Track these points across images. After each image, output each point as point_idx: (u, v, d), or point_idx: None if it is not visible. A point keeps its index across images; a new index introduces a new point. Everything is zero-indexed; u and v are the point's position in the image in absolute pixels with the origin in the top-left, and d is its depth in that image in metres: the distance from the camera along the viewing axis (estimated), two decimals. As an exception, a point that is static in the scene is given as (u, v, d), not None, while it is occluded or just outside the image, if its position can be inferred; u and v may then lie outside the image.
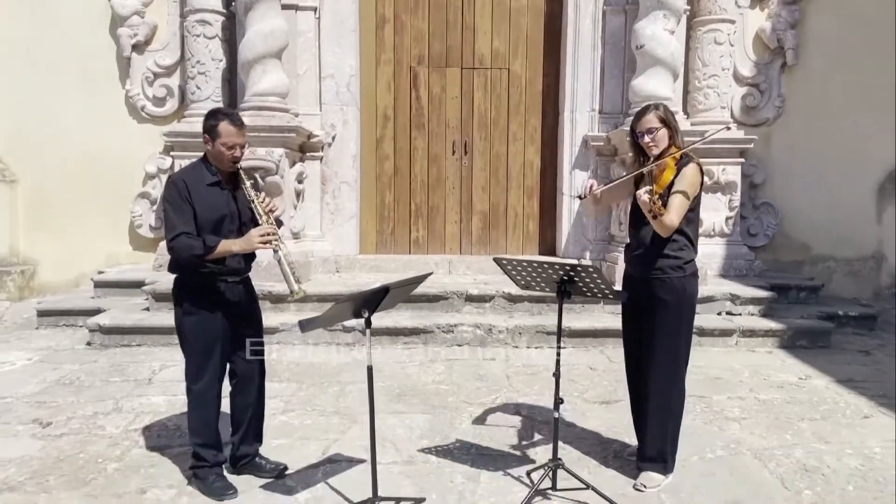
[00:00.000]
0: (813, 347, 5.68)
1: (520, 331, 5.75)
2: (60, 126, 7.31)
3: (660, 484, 3.25)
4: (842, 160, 7.51)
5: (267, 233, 3.12)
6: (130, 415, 4.21)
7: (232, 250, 3.13)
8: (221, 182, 3.20)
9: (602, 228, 7.11)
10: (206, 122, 3.17)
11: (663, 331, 3.22)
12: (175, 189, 3.09)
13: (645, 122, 3.22)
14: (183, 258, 3.07)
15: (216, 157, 3.15)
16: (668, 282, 3.19)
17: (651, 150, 3.23)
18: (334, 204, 7.19)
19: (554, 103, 7.43)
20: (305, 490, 3.23)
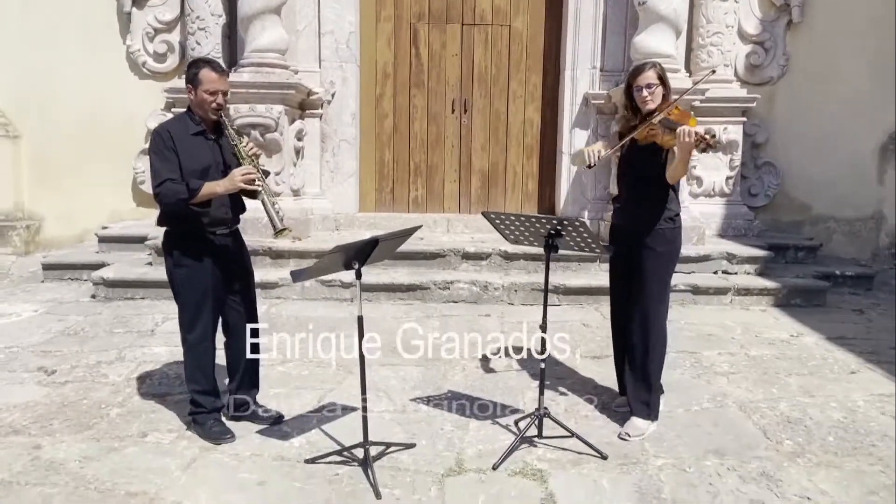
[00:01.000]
0: (807, 306, 5.74)
1: (515, 288, 5.82)
2: (62, 82, 7.32)
3: (644, 432, 3.34)
4: (845, 120, 7.47)
5: (248, 172, 3.16)
6: (133, 364, 4.32)
7: (216, 191, 3.17)
8: (206, 131, 3.24)
9: (601, 188, 7.11)
10: (188, 72, 3.21)
11: (652, 281, 3.30)
12: (160, 139, 3.14)
13: (645, 77, 3.26)
14: (169, 204, 3.12)
15: (199, 105, 3.19)
16: (661, 233, 3.27)
17: (647, 105, 3.26)
18: (334, 162, 7.21)
19: (555, 61, 7.38)
20: (300, 435, 3.34)
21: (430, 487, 2.87)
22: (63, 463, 3.05)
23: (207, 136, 3.25)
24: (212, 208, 3.23)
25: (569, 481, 2.93)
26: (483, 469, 3.01)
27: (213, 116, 3.21)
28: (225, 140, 3.30)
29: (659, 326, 3.36)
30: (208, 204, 3.20)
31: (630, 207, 3.36)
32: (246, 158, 3.22)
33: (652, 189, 3.24)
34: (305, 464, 3.05)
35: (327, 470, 3.00)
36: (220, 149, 3.28)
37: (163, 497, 2.78)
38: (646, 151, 3.24)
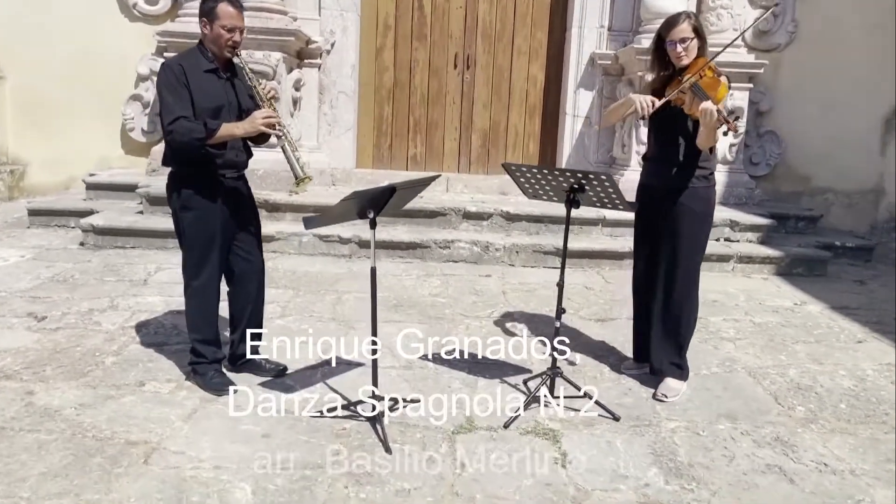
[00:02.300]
0: (809, 276, 5.70)
1: (517, 249, 5.73)
2: (49, 23, 7.02)
3: (679, 392, 3.29)
4: (850, 91, 7.37)
5: (270, 115, 3.02)
6: (127, 312, 4.19)
7: (235, 133, 3.02)
8: (219, 69, 3.07)
9: (604, 150, 7.01)
10: (205, 5, 3.02)
11: (686, 241, 3.21)
12: (171, 72, 2.96)
13: (679, 31, 3.08)
14: (182, 143, 2.95)
15: (214, 41, 3.01)
16: (694, 190, 3.16)
17: (681, 61, 3.10)
18: (332, 115, 7.02)
19: (562, 17, 7.20)
20: (304, 389, 3.24)
21: (441, 444, 2.79)
22: (59, 410, 2.93)
23: (220, 74, 3.08)
24: (226, 150, 3.07)
25: (581, 441, 2.86)
26: (494, 427, 2.94)
27: (227, 54, 3.04)
28: (238, 80, 3.13)
29: (693, 287, 3.28)
30: (223, 146, 3.04)
31: (662, 165, 3.22)
32: (265, 101, 3.06)
33: (686, 147, 3.12)
34: (311, 418, 2.96)
35: (334, 423, 2.91)
36: (233, 89, 3.12)
37: (165, 446, 2.68)
38: (678, 111, 3.10)
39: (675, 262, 3.23)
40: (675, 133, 3.16)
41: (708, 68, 3.04)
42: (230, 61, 3.10)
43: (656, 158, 3.29)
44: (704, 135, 3.03)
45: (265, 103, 3.09)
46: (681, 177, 3.16)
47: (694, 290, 3.30)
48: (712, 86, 3.02)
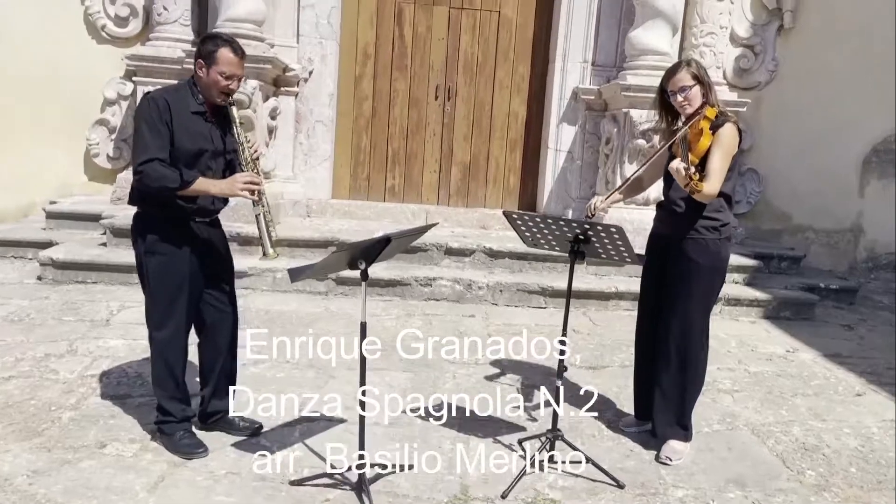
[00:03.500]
0: (796, 319, 5.60)
1: (500, 288, 5.53)
2: (13, 41, 6.67)
3: (683, 455, 3.10)
4: (829, 130, 7.37)
5: (253, 181, 2.81)
6: (87, 358, 3.88)
7: (210, 191, 2.81)
8: (207, 113, 2.85)
9: (587, 186, 6.89)
10: (204, 47, 2.80)
11: (694, 295, 3.03)
12: (155, 106, 2.72)
13: (677, 80, 2.96)
14: (151, 188, 2.71)
15: (208, 86, 2.79)
16: (703, 243, 2.99)
17: (684, 110, 2.98)
18: (308, 144, 6.79)
19: (544, 51, 7.10)
20: (282, 451, 2.98)
21: (435, 518, 2.55)
22: (9, 478, 2.63)
23: (207, 117, 2.85)
24: (197, 204, 2.84)
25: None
26: (491, 498, 2.71)
27: (219, 101, 2.81)
28: (225, 127, 2.90)
29: (700, 347, 3.10)
30: (194, 199, 2.81)
31: (671, 215, 3.07)
32: (250, 163, 2.85)
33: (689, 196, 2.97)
34: (290, 486, 2.70)
35: (317, 494, 2.65)
36: (220, 134, 2.89)
37: (127, 524, 2.40)
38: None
39: (681, 318, 3.05)
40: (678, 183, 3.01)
41: (704, 118, 2.92)
42: (220, 107, 2.87)
43: (665, 206, 3.13)
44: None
45: (249, 165, 2.87)
46: (687, 226, 3.00)
47: (701, 350, 3.12)
48: (695, 139, 2.90)
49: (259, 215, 2.87)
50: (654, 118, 6.11)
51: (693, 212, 2.99)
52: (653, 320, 3.20)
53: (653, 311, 3.20)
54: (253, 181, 2.81)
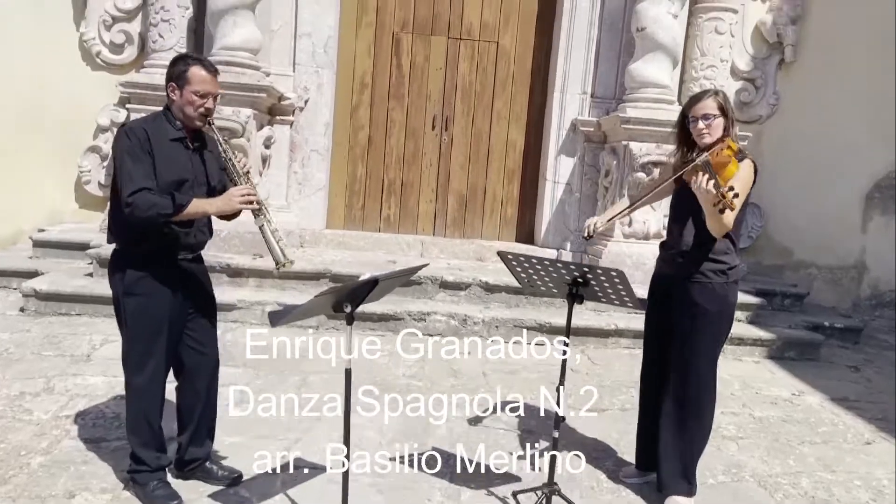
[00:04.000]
0: (801, 360, 5.44)
1: (496, 324, 5.38)
2: (7, 66, 6.58)
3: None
4: (832, 165, 7.29)
5: (249, 192, 2.68)
6: (63, 397, 3.72)
7: (207, 211, 2.68)
8: (187, 139, 2.72)
9: (585, 218, 6.72)
10: (174, 68, 2.68)
11: (700, 341, 2.88)
12: (135, 138, 2.59)
13: (703, 106, 2.83)
14: (143, 219, 2.56)
15: (183, 108, 2.67)
16: (710, 287, 2.85)
17: (703, 139, 2.83)
18: (302, 173, 6.68)
19: (543, 82, 7.02)
20: (263, 502, 2.81)
21: (422, 582, 2.38)
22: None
23: (187, 143, 2.73)
24: (192, 229, 2.71)
25: (584, 577, 2.48)
26: (483, 558, 2.54)
27: (198, 123, 2.69)
28: (207, 152, 2.78)
29: (707, 396, 2.94)
30: (190, 224, 2.68)
31: (677, 255, 2.93)
32: (242, 176, 2.72)
33: (703, 236, 2.83)
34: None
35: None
36: (201, 161, 2.76)
37: (90, 588, 2.23)
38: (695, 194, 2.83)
39: (687, 365, 2.90)
40: (688, 215, 2.88)
41: (727, 147, 2.78)
42: (200, 131, 2.75)
43: (670, 245, 3.00)
44: (708, 217, 2.72)
45: (242, 178, 2.74)
46: (693, 268, 2.86)
47: (708, 399, 2.96)
48: (721, 164, 2.74)
49: (262, 226, 2.74)
50: (653, 151, 6.16)
51: (699, 253, 2.85)
52: (657, 366, 3.05)
53: (657, 356, 3.05)
54: (249, 192, 2.68)
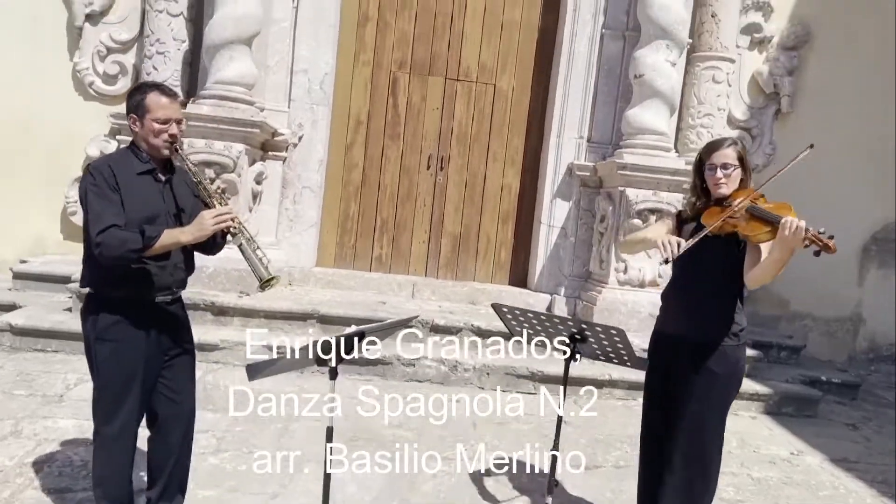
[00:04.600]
0: (799, 416, 5.30)
1: (488, 371, 5.24)
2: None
3: None
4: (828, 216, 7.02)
5: (222, 213, 2.53)
6: (31, 442, 3.54)
7: (180, 240, 2.53)
8: (155, 170, 2.60)
9: (580, 263, 6.66)
10: (131, 100, 2.58)
11: (709, 406, 2.73)
12: (100, 175, 2.48)
13: (723, 155, 2.71)
14: (114, 258, 2.43)
15: (147, 137, 2.56)
16: (722, 350, 2.70)
17: (720, 189, 2.71)
18: (294, 210, 6.57)
19: (539, 125, 6.98)
20: (233, 566, 2.64)
21: None
22: None
23: (157, 176, 2.61)
24: (167, 265, 2.57)
25: None
26: None
27: (165, 152, 2.58)
28: (178, 181, 2.67)
29: (713, 458, 2.79)
30: (165, 257, 2.54)
31: (687, 312, 2.76)
32: (215, 196, 2.59)
33: (720, 291, 2.69)
34: None
35: None
36: (172, 192, 2.64)
37: None
38: (718, 242, 2.65)
39: (694, 430, 2.74)
40: (708, 271, 2.71)
41: (760, 196, 2.67)
42: (170, 161, 2.64)
43: (678, 299, 2.81)
44: (773, 260, 2.50)
45: (214, 199, 2.61)
46: (705, 329, 2.71)
47: (715, 462, 2.81)
48: (779, 207, 2.57)
49: (241, 244, 2.59)
50: (650, 198, 6.08)
51: (713, 314, 2.70)
52: (658, 431, 2.89)
53: (659, 422, 2.89)
54: (222, 213, 2.53)
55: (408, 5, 6.79)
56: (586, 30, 6.62)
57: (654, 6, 6.04)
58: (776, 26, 7.22)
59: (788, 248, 2.46)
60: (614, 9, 6.60)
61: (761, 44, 7.28)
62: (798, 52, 7.24)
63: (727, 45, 6.77)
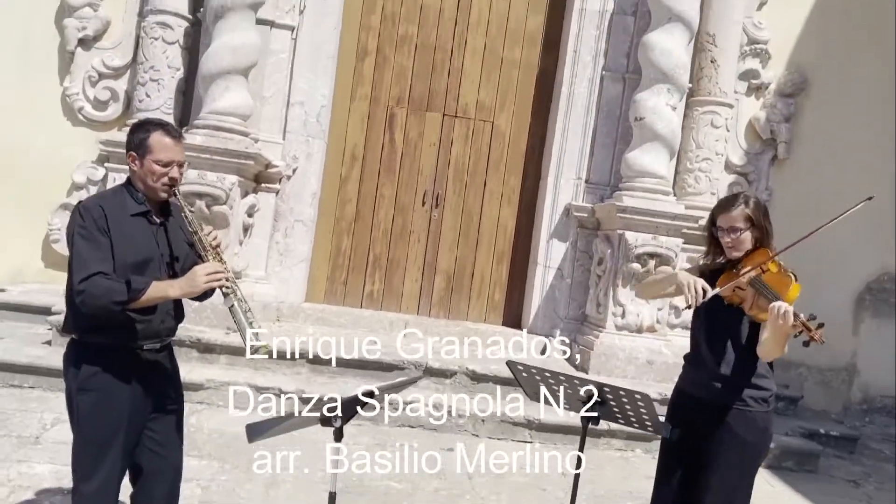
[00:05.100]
0: (800, 471, 5.18)
1: (483, 418, 5.08)
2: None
3: None
4: (823, 264, 7.16)
5: (216, 271, 2.38)
6: (4, 489, 3.34)
7: (168, 294, 2.38)
8: (150, 212, 2.46)
9: (576, 306, 6.55)
10: (133, 136, 2.44)
11: (736, 473, 2.57)
12: (90, 216, 2.33)
13: (729, 219, 2.61)
14: (97, 307, 2.29)
15: (145, 178, 2.42)
16: (750, 416, 2.57)
17: (730, 252, 2.63)
18: (284, 244, 6.41)
19: (537, 165, 6.92)
20: None
21: None
22: None
23: (151, 218, 2.46)
24: (156, 315, 2.41)
25: None
26: None
27: (162, 195, 2.44)
28: (174, 225, 2.52)
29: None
30: (152, 310, 2.38)
31: (708, 374, 2.64)
32: (210, 251, 2.43)
33: (746, 360, 2.58)
34: None
35: None
36: (166, 236, 2.49)
37: None
38: (731, 309, 2.59)
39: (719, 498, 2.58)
40: (726, 335, 2.61)
41: (772, 262, 2.58)
42: (167, 202, 2.49)
43: (700, 364, 2.68)
44: (771, 342, 2.45)
45: (209, 253, 2.46)
46: (734, 394, 2.58)
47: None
48: (780, 283, 2.51)
49: (233, 306, 2.43)
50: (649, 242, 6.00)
51: (741, 380, 2.57)
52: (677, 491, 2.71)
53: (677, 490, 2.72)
54: (216, 270, 2.38)
55: (407, 40, 6.74)
56: (586, 71, 6.60)
57: (655, 50, 6.03)
58: (773, 73, 7.24)
59: (780, 334, 2.41)
60: (615, 51, 6.59)
61: (759, 90, 7.28)
62: (795, 99, 7.25)
63: (726, 90, 6.76)
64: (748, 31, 7.01)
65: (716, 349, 2.63)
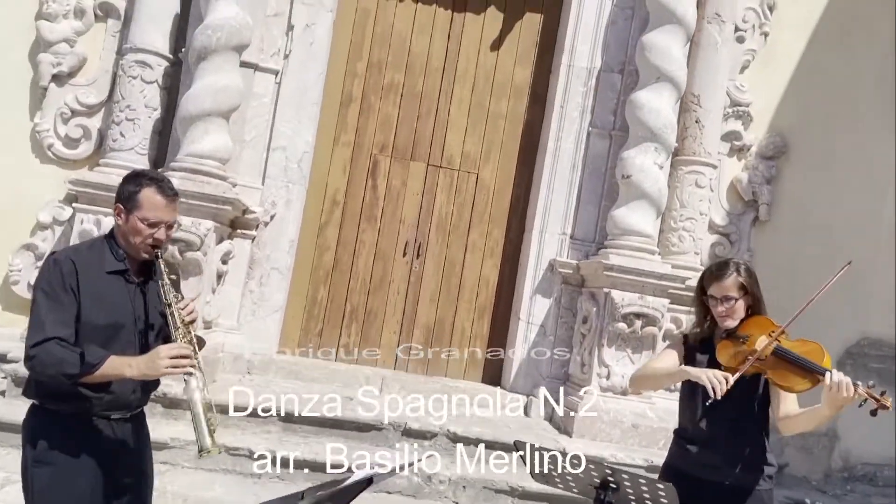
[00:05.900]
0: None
1: (464, 484, 4.83)
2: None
3: None
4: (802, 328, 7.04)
5: (181, 354, 2.18)
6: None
7: (124, 373, 2.16)
8: (129, 271, 2.24)
9: (559, 365, 6.37)
10: (125, 187, 2.25)
11: None
12: (57, 272, 2.12)
13: (722, 287, 2.56)
14: (46, 375, 2.08)
15: (128, 235, 2.22)
16: (757, 494, 2.48)
17: (725, 322, 2.52)
18: (259, 292, 6.16)
19: (521, 218, 6.81)
20: None
21: None
22: None
23: (130, 277, 2.24)
24: (114, 386, 2.17)
25: None
26: None
27: (144, 256, 2.23)
28: (154, 289, 2.30)
29: None
30: (104, 387, 2.15)
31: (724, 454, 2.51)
32: (181, 328, 2.21)
33: (750, 429, 2.46)
34: None
35: None
36: (143, 299, 2.27)
37: None
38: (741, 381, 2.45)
39: None
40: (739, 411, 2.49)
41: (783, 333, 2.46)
42: (148, 263, 2.28)
43: (709, 443, 2.53)
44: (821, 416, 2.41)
45: (180, 332, 2.23)
46: (750, 473, 2.44)
47: None
48: (808, 350, 2.40)
49: (193, 397, 2.20)
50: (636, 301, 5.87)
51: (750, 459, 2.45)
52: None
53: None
54: (181, 355, 2.17)
55: (393, 89, 6.66)
56: (573, 127, 6.56)
57: (643, 109, 6.02)
58: (755, 135, 7.28)
59: (837, 406, 2.31)
60: (601, 108, 6.57)
61: (741, 151, 7.31)
62: (775, 162, 7.29)
63: (710, 150, 6.76)
64: (731, 94, 7.05)
65: (720, 427, 2.50)
